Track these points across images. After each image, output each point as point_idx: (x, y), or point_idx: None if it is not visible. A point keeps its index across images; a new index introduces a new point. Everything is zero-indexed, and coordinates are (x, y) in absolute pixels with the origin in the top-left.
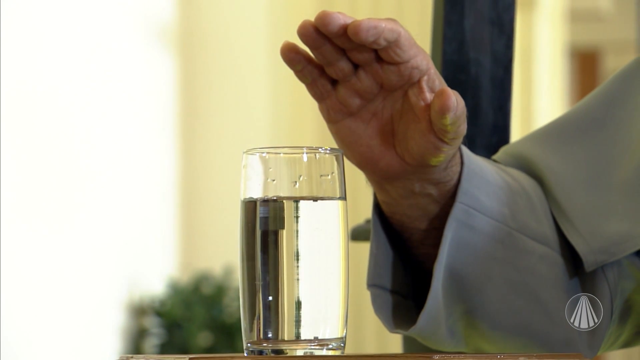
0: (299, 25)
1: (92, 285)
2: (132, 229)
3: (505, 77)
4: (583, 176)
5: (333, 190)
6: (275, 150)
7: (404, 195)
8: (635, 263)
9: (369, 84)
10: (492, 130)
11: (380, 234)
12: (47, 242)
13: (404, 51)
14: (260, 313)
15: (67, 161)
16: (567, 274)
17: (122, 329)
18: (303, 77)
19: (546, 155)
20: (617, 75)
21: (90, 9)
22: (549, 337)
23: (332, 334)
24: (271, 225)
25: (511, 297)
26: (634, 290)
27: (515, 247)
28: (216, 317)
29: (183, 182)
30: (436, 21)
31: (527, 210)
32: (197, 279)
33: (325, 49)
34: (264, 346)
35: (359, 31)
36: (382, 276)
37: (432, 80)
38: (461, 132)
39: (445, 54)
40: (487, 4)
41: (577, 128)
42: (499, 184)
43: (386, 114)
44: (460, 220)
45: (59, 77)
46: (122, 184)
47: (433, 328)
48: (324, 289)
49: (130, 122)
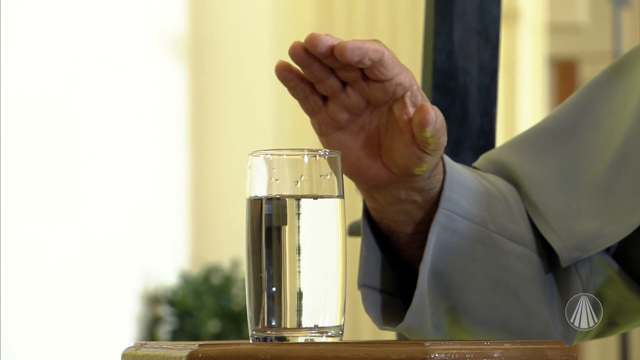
0: (290, 47)
1: (110, 277)
2: (147, 225)
3: (491, 84)
4: (556, 180)
5: (332, 189)
6: (278, 152)
7: (391, 202)
8: (605, 260)
9: (356, 100)
10: (479, 134)
11: (370, 237)
12: (71, 238)
13: (388, 70)
14: (264, 303)
15: (88, 163)
16: (542, 271)
17: (137, 316)
18: (296, 93)
19: (522, 161)
20: (586, 86)
21: (110, 22)
22: (526, 330)
23: (331, 322)
24: (275, 221)
25: (491, 294)
26: (604, 285)
27: (494, 247)
28: (224, 306)
29: (194, 182)
30: (427, 33)
31: (505, 213)
32: (207, 271)
33: (314, 68)
34: (268, 333)
35: (344, 52)
36: (371, 277)
37: (414, 96)
38: (441, 144)
39: (435, 63)
40: (474, 17)
41: (550, 136)
42: (479, 189)
43: (373, 128)
44: (443, 224)
45: (84, 85)
46: (138, 184)
47: (419, 324)
48: (324, 280)
49: (145, 126)
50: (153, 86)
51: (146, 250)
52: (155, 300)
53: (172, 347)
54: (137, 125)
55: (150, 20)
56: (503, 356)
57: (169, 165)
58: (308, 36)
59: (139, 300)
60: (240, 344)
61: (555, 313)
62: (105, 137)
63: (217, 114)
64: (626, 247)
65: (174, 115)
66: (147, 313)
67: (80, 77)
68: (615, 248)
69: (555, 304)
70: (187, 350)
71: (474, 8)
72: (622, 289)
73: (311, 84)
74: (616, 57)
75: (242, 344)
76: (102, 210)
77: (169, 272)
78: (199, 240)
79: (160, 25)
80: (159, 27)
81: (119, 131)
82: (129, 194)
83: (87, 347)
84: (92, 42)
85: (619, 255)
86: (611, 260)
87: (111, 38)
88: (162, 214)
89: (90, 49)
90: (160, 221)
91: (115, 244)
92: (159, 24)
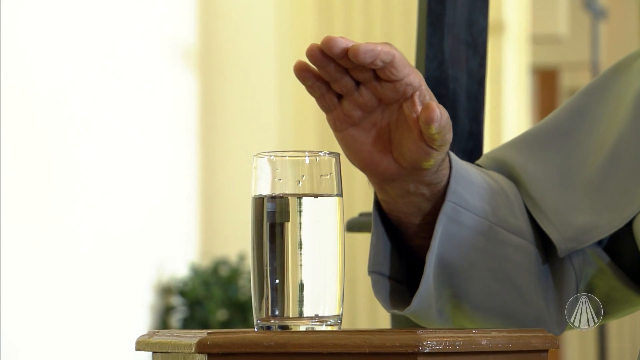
0: (308, 48)
1: (126, 269)
2: (160, 222)
3: (478, 91)
4: (553, 177)
5: (331, 188)
6: (281, 154)
7: (400, 195)
8: (597, 252)
9: (369, 99)
10: (467, 137)
11: (380, 228)
12: (91, 233)
13: (399, 70)
14: (268, 294)
15: (107, 164)
16: (539, 262)
17: (151, 306)
18: (313, 91)
19: (522, 159)
20: (581, 91)
21: (126, 34)
22: (523, 316)
23: (330, 312)
24: (278, 218)
25: (491, 282)
26: (595, 276)
27: (495, 238)
28: (231, 296)
29: (203, 182)
30: (420, 43)
31: (505, 207)
32: (215, 264)
33: (330, 68)
34: (271, 322)
35: (358, 54)
36: (381, 264)
37: (423, 95)
38: (447, 140)
39: (427, 71)
40: (463, 28)
41: (548, 136)
42: (482, 184)
43: (384, 124)
44: (449, 216)
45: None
46: (152, 184)
47: (424, 309)
48: (323, 273)
49: (159, 130)
50: (166, 93)
51: (159, 245)
52: (167, 291)
53: (182, 334)
54: (151, 130)
55: (163, 33)
56: (490, 343)
57: (180, 166)
58: (324, 38)
59: (153, 290)
60: (246, 332)
61: (549, 301)
62: (122, 141)
63: (225, 118)
64: (617, 241)
65: (185, 120)
66: (160, 303)
67: (101, 84)
68: (606, 241)
69: (550, 292)
70: (196, 338)
71: (463, 20)
72: (612, 280)
73: (327, 83)
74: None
75: (247, 332)
76: (119, 208)
77: (180, 265)
78: (208, 236)
79: (172, 37)
80: (171, 38)
81: (134, 135)
82: (144, 193)
83: (105, 334)
84: (110, 52)
85: (610, 248)
86: (603, 252)
87: (127, 49)
88: (174, 211)
89: (109, 58)
90: (173, 218)
91: (131, 239)
92: (171, 36)
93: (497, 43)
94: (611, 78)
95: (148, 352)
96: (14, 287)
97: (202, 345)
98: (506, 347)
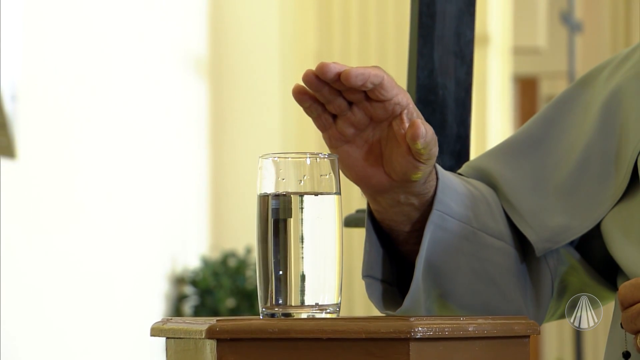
0: (304, 74)
1: (142, 261)
2: (174, 218)
3: (465, 98)
4: (529, 182)
5: (330, 187)
6: (284, 155)
7: (391, 205)
8: (569, 251)
9: (361, 117)
10: (455, 140)
11: (373, 235)
12: (110, 228)
13: (387, 91)
14: (272, 284)
15: (123, 165)
16: (517, 262)
17: (165, 295)
18: (310, 112)
19: (500, 167)
20: (553, 102)
21: (140, 46)
22: (503, 312)
23: (330, 301)
24: (281, 214)
25: (474, 282)
26: (568, 273)
27: (478, 242)
28: (239, 286)
29: (213, 181)
30: (411, 53)
31: (486, 213)
32: (224, 256)
33: (325, 91)
34: (275, 310)
35: (349, 77)
36: (374, 269)
37: (411, 113)
38: (433, 154)
39: (418, 79)
40: (451, 40)
41: (523, 145)
42: (465, 193)
43: (375, 141)
44: (436, 223)
45: (122, 100)
46: (166, 183)
47: (414, 309)
48: (323, 265)
49: (172, 134)
50: (179, 99)
51: (173, 239)
52: (180, 280)
53: (193, 322)
54: (165, 133)
55: (176, 44)
56: (477, 329)
57: (192, 167)
58: (318, 65)
59: (167, 280)
60: (252, 320)
61: (527, 297)
62: (139, 144)
63: (233, 123)
64: (588, 240)
65: (196, 124)
66: (174, 292)
67: (121, 92)
68: (578, 241)
69: (528, 290)
70: (206, 325)
71: (452, 33)
72: (584, 277)
73: (322, 105)
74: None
75: (253, 319)
76: (137, 205)
77: (192, 257)
78: (218, 230)
79: (185, 48)
80: (184, 49)
81: (150, 139)
82: (159, 192)
83: (122, 321)
84: (128, 62)
85: (581, 247)
86: (574, 251)
87: (144, 59)
88: (186, 208)
89: (127, 68)
90: (185, 215)
91: (147, 233)
92: (184, 47)
93: (483, 54)
94: (579, 90)
95: (162, 337)
96: (49, 278)
97: (212, 332)
98: (491, 332)
